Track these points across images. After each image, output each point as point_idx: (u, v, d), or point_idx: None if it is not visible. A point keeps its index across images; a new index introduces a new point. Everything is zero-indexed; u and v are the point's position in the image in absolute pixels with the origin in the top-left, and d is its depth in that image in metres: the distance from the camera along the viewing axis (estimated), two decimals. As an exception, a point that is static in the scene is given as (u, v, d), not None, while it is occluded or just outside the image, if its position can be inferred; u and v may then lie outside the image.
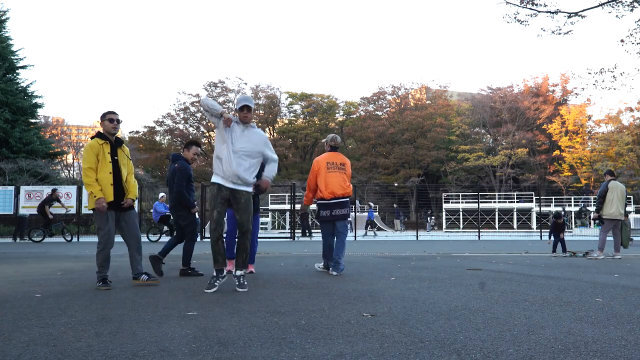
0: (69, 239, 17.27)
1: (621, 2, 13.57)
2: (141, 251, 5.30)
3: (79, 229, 20.51)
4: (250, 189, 4.84)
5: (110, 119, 5.10)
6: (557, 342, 2.71)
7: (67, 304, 3.98)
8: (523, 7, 14.08)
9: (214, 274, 4.76)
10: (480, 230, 23.07)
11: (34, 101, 31.14)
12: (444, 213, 38.32)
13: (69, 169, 40.67)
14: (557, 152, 44.49)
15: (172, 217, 18.38)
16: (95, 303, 4.04)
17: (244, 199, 4.75)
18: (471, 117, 49.53)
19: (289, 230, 20.59)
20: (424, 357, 2.44)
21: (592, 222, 9.32)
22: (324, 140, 6.87)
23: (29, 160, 26.90)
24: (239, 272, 4.77)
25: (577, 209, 33.93)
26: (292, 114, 54.24)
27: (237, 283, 4.71)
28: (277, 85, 72.05)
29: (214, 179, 4.79)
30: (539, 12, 14.04)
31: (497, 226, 36.47)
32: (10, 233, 20.43)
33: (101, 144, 5.05)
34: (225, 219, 5.60)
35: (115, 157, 5.12)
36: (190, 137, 48.05)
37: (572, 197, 38.11)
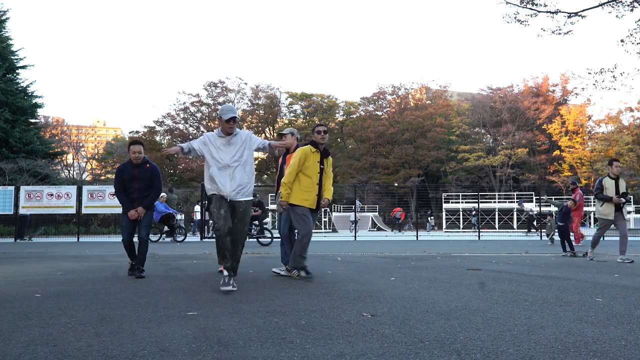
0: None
1: (621, 2, 13.57)
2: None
3: (79, 229, 20.52)
4: (249, 198, 4.91)
5: (318, 131, 5.77)
6: (557, 342, 2.71)
7: (67, 304, 3.98)
8: (523, 7, 14.09)
9: (225, 272, 4.75)
10: (480, 230, 23.06)
11: (34, 101, 31.13)
12: (444, 213, 38.30)
13: (69, 169, 40.62)
14: (557, 152, 44.46)
15: (171, 217, 18.21)
16: (95, 303, 4.04)
17: (242, 208, 4.85)
18: (471, 117, 49.50)
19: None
20: (424, 357, 2.44)
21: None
22: (291, 134, 6.40)
23: (29, 160, 26.89)
24: (225, 273, 4.77)
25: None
26: (292, 114, 54.20)
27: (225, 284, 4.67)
28: (277, 85, 72.12)
29: (214, 191, 4.81)
30: (539, 12, 14.05)
31: (497, 226, 36.45)
32: (11, 233, 20.44)
33: (313, 152, 5.69)
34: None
35: (322, 166, 5.74)
36: (191, 137, 48.02)
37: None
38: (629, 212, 33.72)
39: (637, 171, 39.75)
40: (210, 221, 16.72)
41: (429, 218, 36.98)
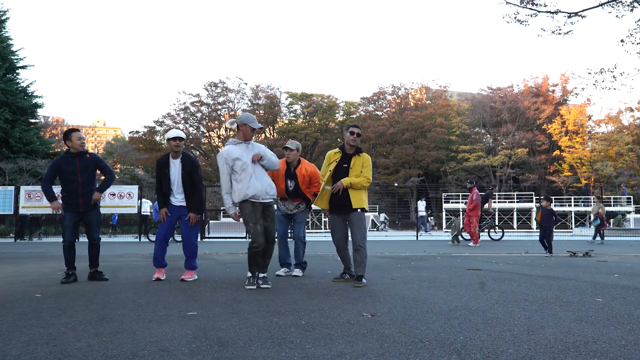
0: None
1: (621, 2, 13.55)
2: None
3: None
4: (272, 199, 5.15)
5: (351, 131, 5.41)
6: (557, 342, 2.71)
7: (67, 304, 3.98)
8: (523, 7, 14.06)
9: (249, 274, 5.02)
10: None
11: (34, 101, 31.15)
12: (444, 213, 38.29)
13: (69, 169, 40.57)
14: (557, 152, 44.45)
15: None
16: (95, 303, 4.04)
17: (272, 209, 5.15)
18: (471, 117, 49.48)
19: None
20: (424, 357, 2.44)
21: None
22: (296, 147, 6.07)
23: (29, 160, 26.90)
24: (261, 275, 5.05)
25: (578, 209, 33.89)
26: (292, 114, 54.20)
27: (261, 282, 4.98)
28: (277, 85, 72.09)
29: (244, 198, 4.91)
30: (539, 12, 14.03)
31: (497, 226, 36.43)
32: (11, 233, 20.44)
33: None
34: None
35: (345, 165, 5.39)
36: (190, 137, 48.03)
37: (572, 197, 38.09)
38: (629, 212, 33.72)
39: (637, 171, 39.74)
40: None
41: (429, 218, 36.96)
